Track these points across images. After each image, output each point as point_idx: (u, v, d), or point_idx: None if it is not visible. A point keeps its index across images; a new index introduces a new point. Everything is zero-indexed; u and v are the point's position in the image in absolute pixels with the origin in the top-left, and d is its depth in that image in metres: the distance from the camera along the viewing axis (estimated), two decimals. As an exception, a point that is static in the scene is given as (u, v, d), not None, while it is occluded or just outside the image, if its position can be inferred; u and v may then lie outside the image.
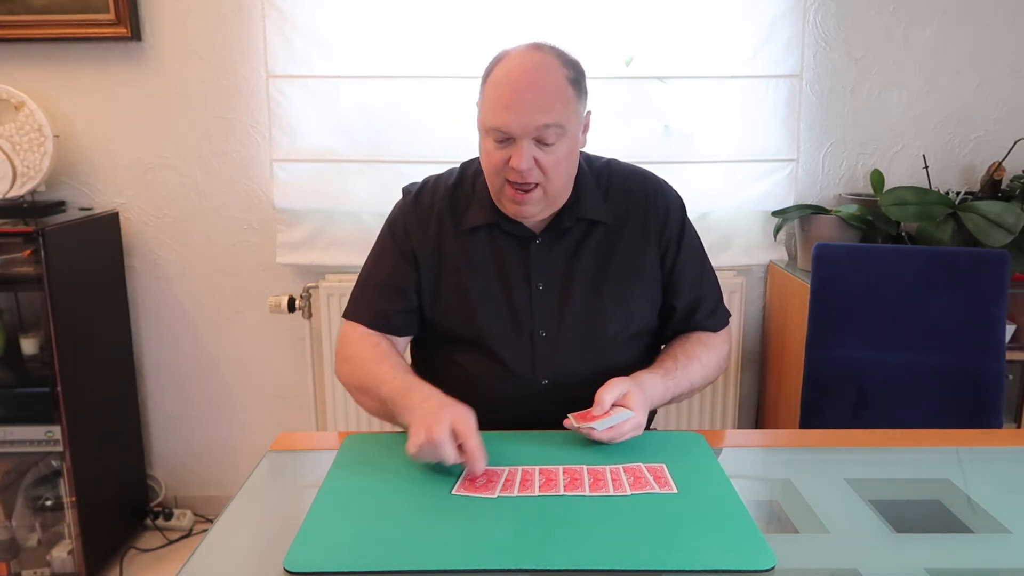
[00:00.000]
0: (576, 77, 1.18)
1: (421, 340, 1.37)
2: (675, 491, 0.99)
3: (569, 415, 1.12)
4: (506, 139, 1.15)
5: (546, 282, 1.26)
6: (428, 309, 1.30)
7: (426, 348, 1.36)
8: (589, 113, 1.24)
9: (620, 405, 1.11)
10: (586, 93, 1.21)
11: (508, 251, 1.27)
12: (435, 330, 1.30)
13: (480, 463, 1.02)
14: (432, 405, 1.07)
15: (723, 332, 1.37)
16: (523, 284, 1.26)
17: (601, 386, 1.13)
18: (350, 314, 1.31)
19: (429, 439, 1.00)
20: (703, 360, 1.29)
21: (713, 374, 1.32)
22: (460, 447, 1.02)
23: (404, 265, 1.29)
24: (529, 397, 1.25)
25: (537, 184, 1.17)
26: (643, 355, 1.33)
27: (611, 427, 1.09)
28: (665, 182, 1.36)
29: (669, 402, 1.25)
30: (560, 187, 1.21)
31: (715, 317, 1.35)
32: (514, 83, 1.14)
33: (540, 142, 1.15)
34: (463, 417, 1.04)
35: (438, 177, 1.35)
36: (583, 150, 1.31)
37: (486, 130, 1.17)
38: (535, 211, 1.21)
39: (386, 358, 1.23)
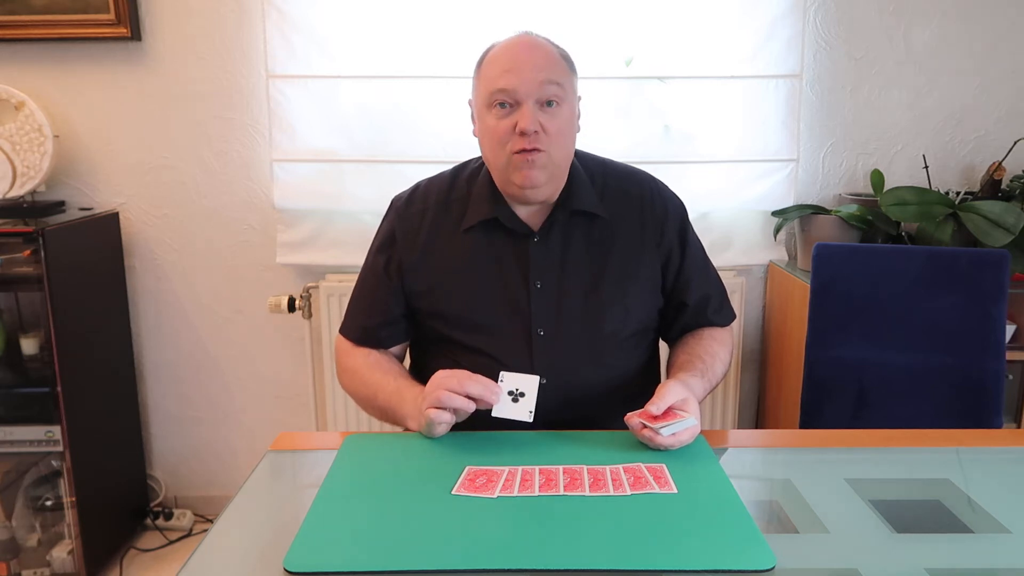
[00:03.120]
0: (565, 55, 1.23)
1: (419, 341, 1.37)
2: (675, 491, 0.99)
3: (632, 415, 1.11)
4: (510, 105, 1.18)
5: (544, 280, 1.26)
6: (424, 312, 1.30)
7: (425, 349, 1.37)
8: (580, 99, 1.26)
9: (679, 409, 1.11)
10: (577, 76, 1.25)
11: (506, 250, 1.27)
12: (433, 331, 1.31)
13: (493, 393, 1.09)
14: (420, 401, 1.14)
15: (728, 327, 1.39)
16: (521, 282, 1.26)
17: (658, 387, 1.13)
18: (341, 328, 1.38)
19: (436, 403, 1.09)
20: (722, 357, 1.31)
21: (727, 369, 1.34)
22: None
23: (386, 281, 1.31)
24: None
25: (544, 151, 1.18)
26: (642, 353, 1.34)
27: (673, 433, 1.09)
28: (663, 184, 1.36)
29: None
30: (562, 157, 1.23)
31: (723, 312, 1.37)
32: (511, 51, 1.20)
33: (543, 104, 1.17)
34: (449, 374, 1.11)
35: (430, 181, 1.35)
36: (576, 147, 1.32)
37: (488, 100, 1.19)
38: (543, 178, 1.20)
39: (378, 367, 1.29)
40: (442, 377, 1.12)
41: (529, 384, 1.12)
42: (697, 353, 1.28)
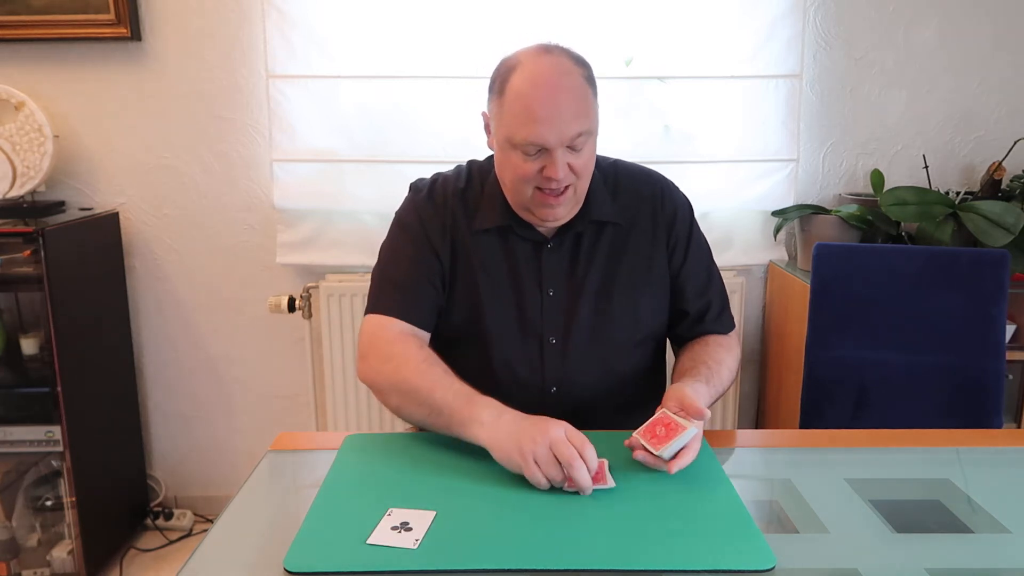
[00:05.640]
0: (589, 74, 1.17)
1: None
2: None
3: (634, 434, 1.06)
4: (538, 151, 1.14)
5: (557, 288, 1.25)
6: (442, 309, 1.28)
7: (433, 350, 1.35)
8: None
9: (678, 415, 1.07)
10: (596, 86, 1.20)
11: (520, 256, 1.26)
12: (444, 332, 1.29)
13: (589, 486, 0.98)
14: (509, 419, 1.05)
15: (733, 334, 1.37)
16: (534, 290, 1.25)
17: (664, 395, 1.11)
18: (382, 308, 1.23)
19: (562, 458, 0.97)
20: (728, 364, 1.27)
21: (734, 376, 1.31)
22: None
23: (428, 254, 1.25)
24: (536, 404, 1.23)
25: (569, 185, 1.17)
26: (650, 360, 1.33)
27: (679, 450, 1.02)
28: (673, 184, 1.35)
29: None
30: (587, 183, 1.21)
31: (722, 320, 1.35)
32: (541, 95, 1.11)
33: (571, 148, 1.14)
34: (572, 430, 1.01)
35: (446, 176, 1.32)
36: None
37: (513, 144, 1.14)
38: (566, 212, 1.20)
39: (437, 362, 1.17)
40: (572, 436, 1.01)
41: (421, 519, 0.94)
42: (702, 359, 1.25)
